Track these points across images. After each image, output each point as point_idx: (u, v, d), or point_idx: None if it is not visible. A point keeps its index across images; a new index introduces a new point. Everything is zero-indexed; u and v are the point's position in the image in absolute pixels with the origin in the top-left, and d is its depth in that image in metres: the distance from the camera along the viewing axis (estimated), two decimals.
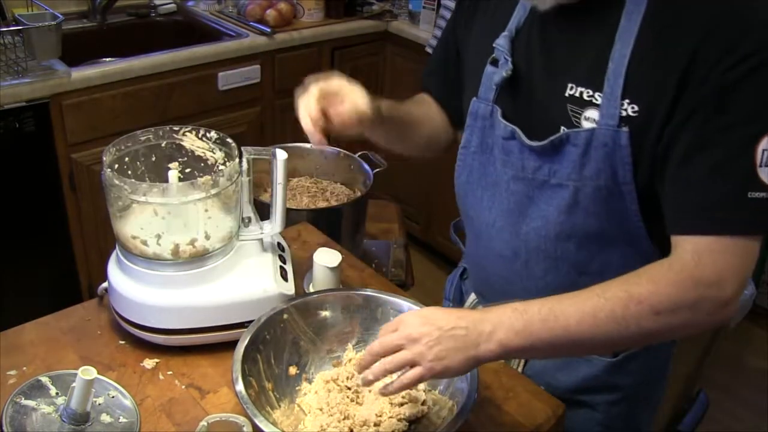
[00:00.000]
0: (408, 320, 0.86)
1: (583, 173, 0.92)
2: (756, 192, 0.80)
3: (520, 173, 0.98)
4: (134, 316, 1.05)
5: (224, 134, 1.11)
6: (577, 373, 1.10)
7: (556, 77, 0.93)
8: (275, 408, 0.97)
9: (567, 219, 0.96)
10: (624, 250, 0.96)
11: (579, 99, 0.91)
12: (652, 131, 0.86)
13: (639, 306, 0.81)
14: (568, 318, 0.82)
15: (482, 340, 0.83)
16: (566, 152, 0.92)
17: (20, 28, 1.86)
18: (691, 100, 0.82)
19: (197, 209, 1.05)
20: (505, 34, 0.99)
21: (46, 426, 0.86)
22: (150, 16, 2.57)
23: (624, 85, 0.86)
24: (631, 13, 0.86)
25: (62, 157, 2.03)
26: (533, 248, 1.01)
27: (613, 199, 0.91)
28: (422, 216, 2.99)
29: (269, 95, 2.50)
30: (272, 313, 1.03)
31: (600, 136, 0.89)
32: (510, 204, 1.02)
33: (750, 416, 2.41)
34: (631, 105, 0.86)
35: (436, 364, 0.83)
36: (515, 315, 0.83)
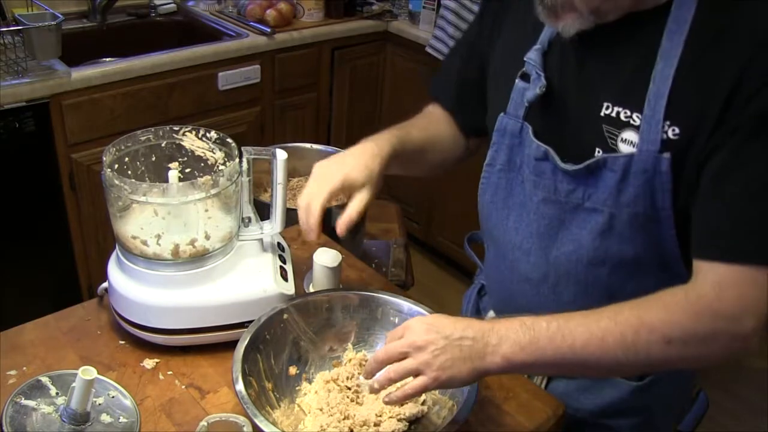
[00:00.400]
0: (414, 327, 0.85)
1: (620, 199, 0.88)
2: None
3: (552, 195, 0.95)
4: (134, 316, 1.05)
5: (224, 134, 1.11)
6: (602, 397, 1.06)
7: (591, 95, 0.89)
8: (275, 408, 0.97)
9: (601, 244, 0.92)
10: (658, 276, 0.92)
11: (615, 119, 0.87)
12: (692, 155, 0.82)
13: (650, 334, 0.79)
14: (575, 338, 0.80)
15: (488, 352, 0.81)
16: (603, 177, 0.88)
17: (20, 28, 1.86)
18: (731, 122, 0.79)
19: (197, 209, 1.05)
20: (537, 47, 0.94)
21: (46, 426, 0.86)
22: (150, 16, 2.57)
23: (666, 108, 0.82)
24: (674, 32, 0.82)
25: (62, 157, 2.03)
26: (563, 273, 0.98)
27: (650, 225, 0.88)
28: (422, 216, 2.99)
29: (269, 95, 2.50)
30: (272, 313, 1.03)
31: (640, 162, 0.85)
32: (540, 227, 0.98)
33: (750, 416, 2.41)
34: (672, 128, 0.83)
35: (441, 374, 0.82)
36: (522, 329, 0.82)
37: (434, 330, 0.83)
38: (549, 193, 0.95)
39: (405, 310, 1.07)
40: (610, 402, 1.06)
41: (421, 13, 2.67)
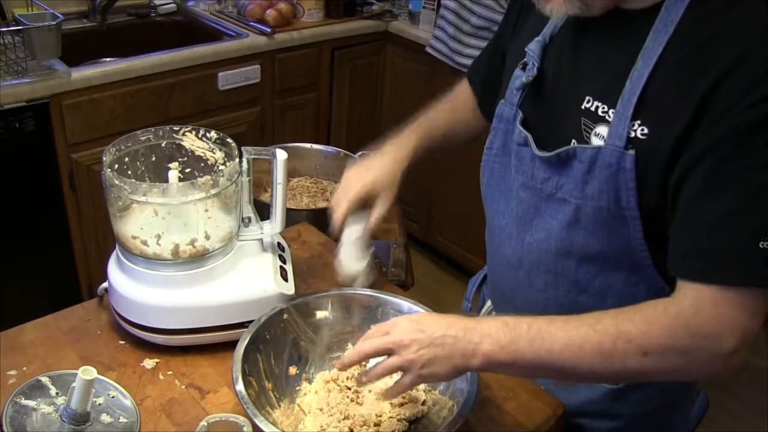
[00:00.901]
0: (400, 325, 0.87)
1: (586, 191, 0.89)
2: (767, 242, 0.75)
3: (529, 182, 0.97)
4: (134, 316, 1.05)
5: (224, 134, 1.11)
6: (577, 396, 1.08)
7: (577, 88, 0.91)
8: (275, 408, 0.97)
9: (567, 236, 0.94)
10: (627, 276, 0.93)
11: (593, 113, 0.89)
12: (659, 158, 0.83)
13: (627, 344, 0.79)
14: (553, 342, 0.81)
15: (469, 350, 0.83)
16: (572, 167, 0.90)
17: (20, 28, 1.86)
18: (708, 135, 0.78)
19: (197, 209, 1.05)
20: (539, 39, 0.97)
21: (46, 426, 0.86)
22: (150, 16, 2.57)
23: (637, 105, 0.83)
24: (659, 32, 0.83)
25: (62, 157, 2.03)
26: (535, 260, 1.00)
27: (615, 222, 0.89)
28: (422, 216, 2.99)
29: (269, 95, 2.50)
30: (272, 313, 1.03)
31: (605, 155, 0.86)
32: (519, 212, 1.01)
33: (750, 416, 2.41)
34: (641, 127, 0.84)
35: (423, 371, 0.84)
36: (504, 329, 0.83)
37: (419, 329, 0.85)
38: (527, 179, 0.97)
39: (405, 310, 1.07)
40: (583, 401, 1.07)
41: (421, 13, 2.67)
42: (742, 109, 0.75)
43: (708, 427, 2.39)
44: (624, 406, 1.06)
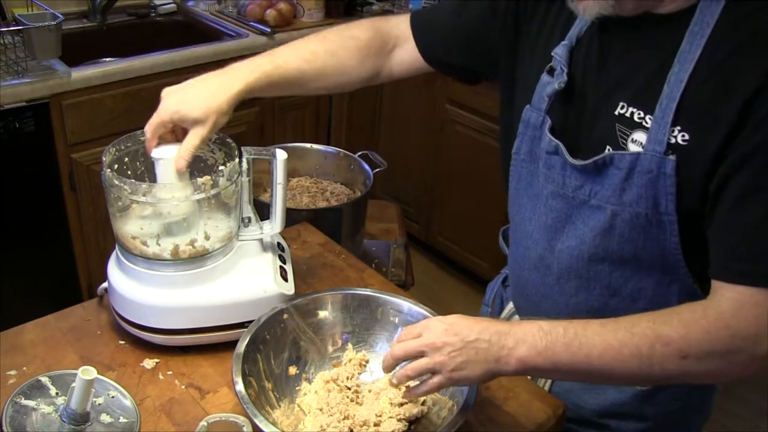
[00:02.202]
0: (433, 327, 0.87)
1: (623, 198, 0.88)
2: None
3: (560, 190, 0.96)
4: (134, 316, 1.05)
5: (224, 134, 1.11)
6: (605, 398, 1.07)
7: (609, 94, 0.90)
8: (275, 408, 0.97)
9: (601, 242, 0.93)
10: (660, 278, 0.93)
11: (629, 119, 0.87)
12: (700, 163, 0.82)
13: (666, 348, 0.79)
14: (591, 347, 0.81)
15: (503, 355, 0.83)
16: (609, 174, 0.89)
17: (20, 28, 1.86)
18: (750, 140, 0.78)
19: (197, 209, 1.05)
20: (565, 43, 0.95)
21: (46, 426, 0.86)
22: (150, 16, 2.57)
23: (677, 110, 0.83)
24: (695, 35, 0.82)
25: (62, 157, 2.03)
26: (566, 266, 1.00)
27: (651, 228, 0.88)
28: (422, 216, 2.99)
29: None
30: (272, 313, 1.03)
31: (645, 161, 0.85)
32: (548, 219, 1.00)
33: (750, 416, 2.41)
34: (681, 133, 0.83)
35: (455, 374, 0.85)
36: (540, 334, 0.83)
37: (452, 332, 0.85)
38: (558, 187, 0.96)
39: (405, 310, 1.07)
40: (612, 403, 1.07)
41: None
42: None
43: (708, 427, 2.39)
44: (651, 408, 1.06)
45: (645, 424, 1.07)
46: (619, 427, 1.08)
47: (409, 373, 0.87)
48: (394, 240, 1.94)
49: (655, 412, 1.06)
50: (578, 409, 1.09)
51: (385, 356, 0.91)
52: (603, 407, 1.07)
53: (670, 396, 1.05)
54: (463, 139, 2.66)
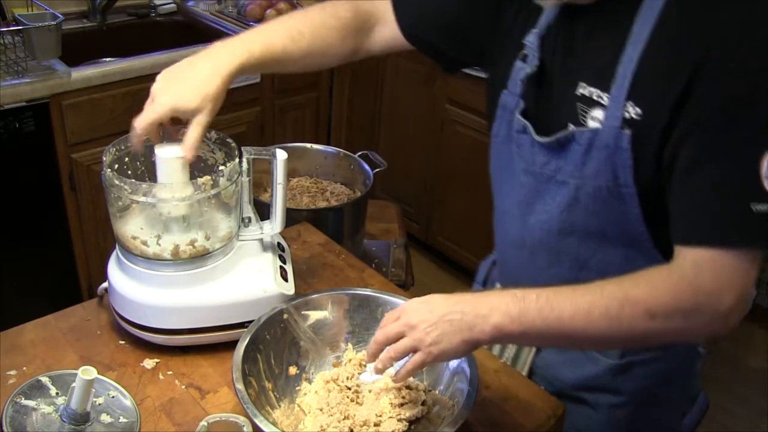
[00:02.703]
0: (408, 308, 0.90)
1: (584, 172, 0.93)
2: (760, 205, 0.80)
3: (530, 167, 1.01)
4: (134, 316, 1.05)
5: (224, 134, 1.11)
6: (582, 371, 1.11)
7: (571, 76, 0.95)
8: (275, 408, 0.97)
9: (568, 216, 0.98)
10: (626, 251, 0.97)
11: (588, 98, 0.93)
12: (653, 136, 0.87)
13: (634, 307, 0.82)
14: (562, 310, 0.84)
15: (478, 323, 0.85)
16: (571, 150, 0.94)
17: (20, 28, 1.86)
18: (696, 110, 0.83)
19: (197, 209, 1.05)
20: (536, 31, 1.00)
21: (46, 426, 0.86)
22: (150, 16, 2.57)
23: (630, 88, 0.88)
24: (645, 17, 0.87)
25: (62, 157, 2.03)
26: (537, 240, 1.04)
27: (613, 200, 0.93)
28: (422, 216, 2.99)
29: (269, 95, 2.50)
30: (272, 313, 1.03)
31: (603, 136, 0.90)
32: (521, 195, 1.04)
33: (749, 416, 2.41)
34: (635, 108, 0.88)
35: (433, 348, 0.86)
36: (513, 301, 0.85)
37: (427, 309, 0.88)
38: (528, 164, 1.01)
39: None
40: (587, 377, 1.10)
41: None
42: (728, 84, 0.80)
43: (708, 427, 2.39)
44: (626, 382, 1.09)
45: (620, 398, 1.10)
46: (596, 400, 1.12)
47: (392, 354, 0.89)
48: (394, 240, 1.94)
49: (630, 387, 1.09)
50: (557, 383, 1.13)
51: (369, 345, 0.92)
52: (579, 380, 1.11)
53: (645, 371, 1.08)
54: (463, 139, 2.66)
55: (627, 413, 1.11)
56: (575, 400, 1.12)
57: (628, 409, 1.11)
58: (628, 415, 1.11)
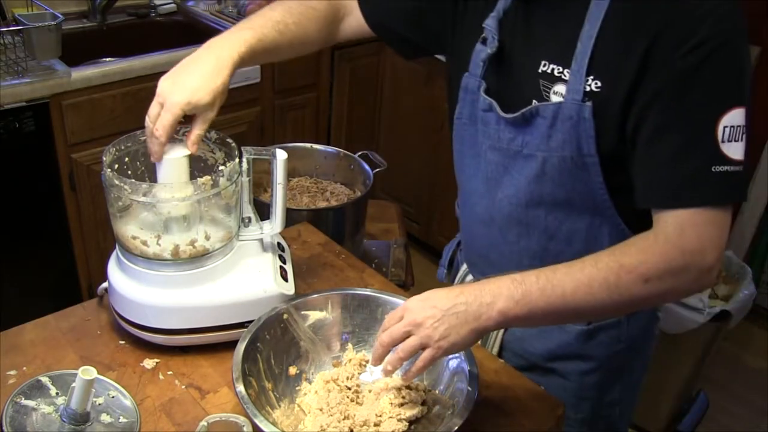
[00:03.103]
0: (411, 307, 0.91)
1: (550, 144, 0.98)
2: (720, 166, 0.86)
3: (496, 143, 1.05)
4: (134, 316, 1.05)
5: (224, 134, 1.11)
6: (551, 340, 1.15)
7: (533, 55, 1.00)
8: (275, 408, 0.97)
9: (536, 188, 1.02)
10: (591, 221, 1.02)
11: (550, 75, 0.98)
12: (614, 107, 0.92)
13: (630, 275, 0.87)
14: (564, 287, 0.88)
15: (483, 312, 0.88)
16: (536, 124, 0.99)
17: (20, 28, 1.86)
18: (654, 82, 0.88)
19: (197, 209, 1.05)
20: (494, 14, 1.05)
21: (46, 426, 0.86)
22: (150, 16, 2.57)
23: (589, 63, 0.93)
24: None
25: (62, 157, 2.03)
26: (506, 214, 1.08)
27: (577, 170, 0.97)
28: (422, 216, 2.99)
29: (269, 95, 2.50)
30: (272, 313, 1.03)
31: (566, 109, 0.95)
32: (488, 172, 1.09)
33: (749, 416, 2.41)
34: (594, 81, 0.93)
35: (443, 343, 0.88)
36: (514, 285, 0.88)
37: (430, 305, 0.90)
38: (494, 141, 1.05)
39: None
40: (557, 345, 1.14)
41: None
42: (681, 56, 0.86)
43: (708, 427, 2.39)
44: (595, 348, 1.13)
45: (589, 364, 1.15)
46: (565, 368, 1.16)
47: (401, 354, 0.90)
48: (394, 240, 1.94)
49: (598, 353, 1.14)
50: (527, 356, 1.18)
51: (374, 348, 0.92)
52: (549, 350, 1.15)
53: (612, 336, 1.13)
54: None
55: (596, 379, 1.15)
56: (547, 372, 1.16)
57: (598, 375, 1.15)
58: (598, 381, 1.16)
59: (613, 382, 1.17)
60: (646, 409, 2.23)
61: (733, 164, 0.87)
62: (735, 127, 0.86)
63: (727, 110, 0.86)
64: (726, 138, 0.86)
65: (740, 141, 0.87)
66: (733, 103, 0.86)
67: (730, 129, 0.86)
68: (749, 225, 2.73)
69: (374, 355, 0.92)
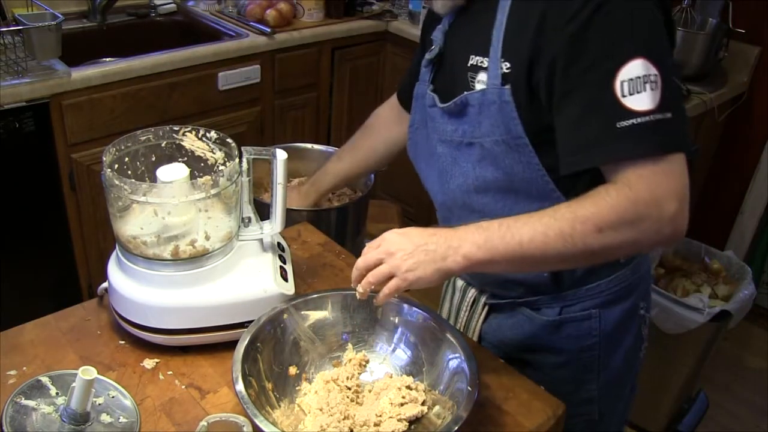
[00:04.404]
0: (388, 237, 0.98)
1: (482, 130, 1.04)
2: (624, 121, 0.88)
3: (442, 136, 1.11)
4: (134, 316, 1.05)
5: (224, 134, 1.11)
6: (522, 330, 1.18)
7: (464, 52, 1.07)
8: (275, 408, 0.97)
9: (480, 173, 1.07)
10: (540, 205, 1.01)
11: (475, 66, 1.04)
12: (521, 85, 0.98)
13: (584, 225, 0.90)
14: (522, 235, 0.92)
15: (450, 254, 0.94)
16: (468, 113, 1.05)
17: (20, 28, 1.86)
18: (548, 55, 0.93)
19: (197, 209, 1.05)
20: (440, 27, 1.14)
21: (46, 426, 0.86)
22: (150, 16, 2.57)
23: (502, 48, 0.99)
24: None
25: (62, 157, 2.03)
26: (460, 203, 1.14)
27: (512, 153, 1.02)
28: (422, 216, 2.99)
29: (269, 95, 2.50)
30: (272, 313, 1.03)
31: (488, 94, 1.01)
32: (440, 165, 1.14)
33: (749, 416, 2.41)
34: (505, 63, 0.99)
35: (409, 275, 0.94)
36: (478, 231, 0.94)
37: (405, 239, 0.96)
38: (441, 134, 1.12)
39: (405, 310, 1.07)
40: (526, 335, 1.18)
41: (421, 13, 2.67)
42: (566, 21, 0.90)
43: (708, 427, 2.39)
44: (564, 341, 1.16)
45: (559, 358, 1.17)
46: (537, 360, 1.18)
47: (371, 279, 0.96)
48: None
49: (568, 346, 1.16)
50: (503, 347, 1.22)
51: (352, 271, 0.99)
52: (521, 340, 1.18)
53: (576, 329, 1.15)
54: None
55: (569, 374, 1.17)
56: (523, 364, 1.17)
57: (570, 369, 1.17)
58: (571, 376, 1.17)
59: (588, 378, 1.18)
60: (646, 409, 2.23)
61: (640, 116, 0.88)
62: (635, 78, 0.88)
63: (621, 65, 0.88)
64: (626, 92, 0.88)
65: (645, 91, 0.88)
66: (628, 57, 0.88)
67: (629, 82, 0.88)
68: (749, 225, 2.73)
69: (353, 276, 0.99)
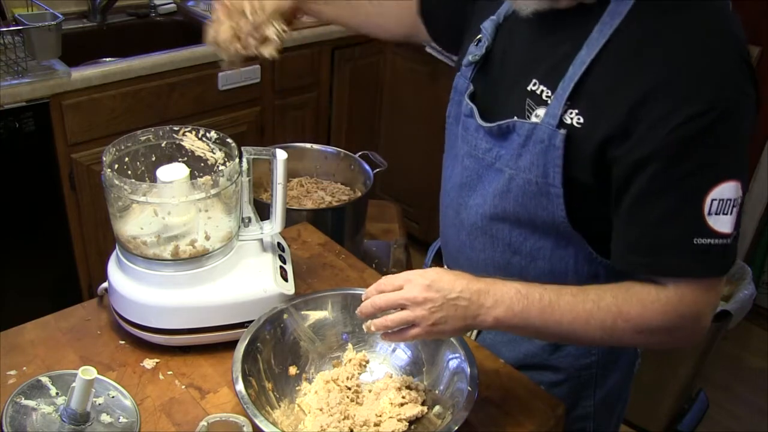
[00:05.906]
0: (414, 281, 0.91)
1: (519, 163, 0.96)
2: (702, 239, 0.85)
3: (473, 151, 1.04)
4: (134, 316, 1.05)
5: (224, 134, 1.11)
6: (519, 349, 1.15)
7: (524, 70, 0.97)
8: (275, 408, 0.97)
9: (500, 203, 1.01)
10: (556, 240, 1.01)
11: (538, 96, 0.95)
12: (589, 147, 0.89)
13: (626, 323, 0.90)
14: (563, 314, 0.90)
15: (481, 313, 0.90)
16: (510, 140, 0.97)
17: (20, 28, 1.86)
18: (643, 147, 0.84)
19: (197, 209, 1.05)
20: (493, 18, 1.04)
21: (46, 426, 0.86)
22: (150, 16, 2.57)
23: (575, 90, 0.89)
24: (605, 24, 0.88)
25: (62, 157, 2.02)
26: (473, 223, 1.08)
27: (541, 197, 0.96)
28: (422, 216, 2.99)
29: (269, 95, 2.50)
30: (272, 313, 1.03)
31: (539, 131, 0.93)
32: (462, 178, 1.08)
33: (749, 416, 2.41)
34: (578, 116, 0.90)
35: (434, 328, 0.90)
36: (517, 297, 0.90)
37: (434, 288, 0.90)
38: (471, 148, 1.04)
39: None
40: (524, 354, 1.14)
41: None
42: (678, 122, 0.82)
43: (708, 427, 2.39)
44: (562, 360, 1.13)
45: (558, 376, 1.14)
46: (534, 378, 1.15)
47: (389, 323, 0.91)
48: (394, 240, 1.94)
49: (566, 364, 1.13)
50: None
51: (365, 303, 0.93)
52: (518, 358, 1.15)
53: (575, 348, 1.12)
54: None
55: (566, 391, 1.15)
56: None
57: (567, 387, 1.14)
58: (568, 393, 1.15)
59: (585, 395, 1.16)
60: (646, 409, 2.23)
61: (718, 237, 0.85)
62: (725, 200, 0.84)
63: (718, 183, 0.83)
64: (713, 211, 0.84)
65: (729, 214, 0.85)
66: (726, 177, 0.84)
67: (719, 202, 0.84)
68: (749, 225, 2.73)
69: (362, 309, 0.93)
